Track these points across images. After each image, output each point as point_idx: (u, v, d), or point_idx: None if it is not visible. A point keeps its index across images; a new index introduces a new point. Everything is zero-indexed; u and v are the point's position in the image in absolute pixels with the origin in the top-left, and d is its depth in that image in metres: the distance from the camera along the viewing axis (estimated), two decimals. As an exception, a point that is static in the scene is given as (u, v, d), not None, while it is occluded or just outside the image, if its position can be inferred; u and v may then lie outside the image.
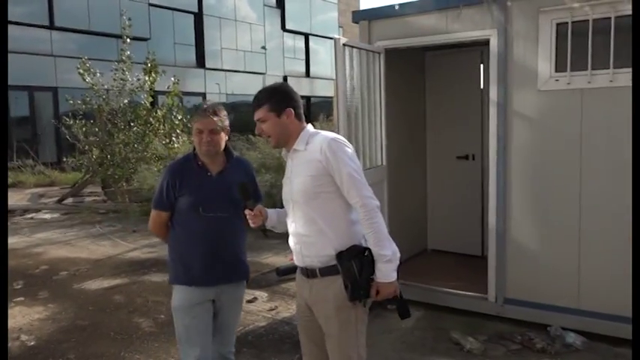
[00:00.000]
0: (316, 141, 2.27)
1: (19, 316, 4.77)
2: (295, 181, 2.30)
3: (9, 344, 4.16)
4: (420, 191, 5.80)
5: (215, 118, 2.58)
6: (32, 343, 4.18)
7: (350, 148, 2.28)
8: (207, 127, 2.57)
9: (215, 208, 2.60)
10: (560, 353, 3.69)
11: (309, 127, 2.38)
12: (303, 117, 2.40)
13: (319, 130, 2.38)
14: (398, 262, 2.25)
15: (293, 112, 2.32)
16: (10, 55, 16.83)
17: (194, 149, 2.68)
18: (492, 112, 4.11)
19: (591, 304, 3.84)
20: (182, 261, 2.66)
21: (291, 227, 2.37)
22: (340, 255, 2.24)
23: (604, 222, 3.74)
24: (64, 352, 4.01)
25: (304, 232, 2.30)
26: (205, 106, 2.63)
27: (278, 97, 2.32)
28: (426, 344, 3.92)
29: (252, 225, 2.44)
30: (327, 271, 2.28)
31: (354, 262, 2.21)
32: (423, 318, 4.32)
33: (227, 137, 2.68)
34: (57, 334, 4.34)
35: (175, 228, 2.68)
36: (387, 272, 2.22)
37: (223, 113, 2.65)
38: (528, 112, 3.99)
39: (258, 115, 2.32)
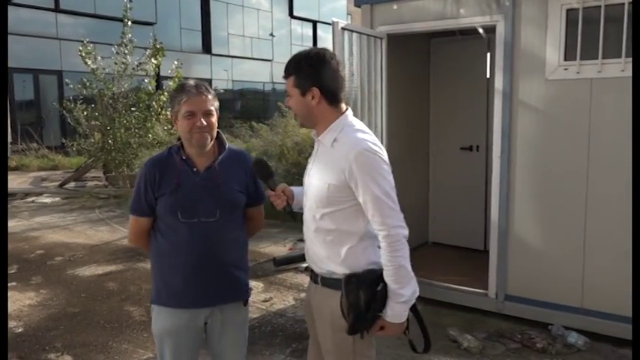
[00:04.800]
0: (346, 143, 1.87)
1: (10, 301, 4.68)
2: (312, 180, 1.97)
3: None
4: (421, 182, 5.65)
5: (209, 96, 2.09)
6: (20, 330, 4.10)
7: (385, 162, 1.88)
8: (200, 109, 2.05)
9: (198, 212, 2.09)
10: (561, 353, 3.56)
11: (346, 116, 1.94)
12: (340, 99, 1.95)
13: (356, 127, 1.93)
14: (413, 302, 1.91)
15: (319, 92, 1.89)
16: (15, 38, 16.71)
17: (179, 140, 2.18)
18: (497, 101, 3.95)
19: (595, 304, 3.70)
20: (162, 277, 2.16)
21: (304, 220, 2.04)
22: (349, 279, 1.87)
23: (611, 219, 3.58)
24: (51, 339, 3.92)
25: (311, 238, 1.99)
26: (193, 82, 2.10)
27: (306, 70, 1.89)
28: (422, 341, 3.79)
29: (277, 207, 2.03)
30: (327, 283, 1.96)
31: (363, 293, 1.85)
32: (420, 313, 4.19)
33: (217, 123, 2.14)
34: (46, 321, 4.26)
35: (157, 237, 2.17)
36: (399, 313, 1.88)
37: (213, 91, 2.16)
38: (535, 103, 3.82)
39: (286, 85, 1.95)
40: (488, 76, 5.31)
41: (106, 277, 5.33)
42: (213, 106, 2.11)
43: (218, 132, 2.18)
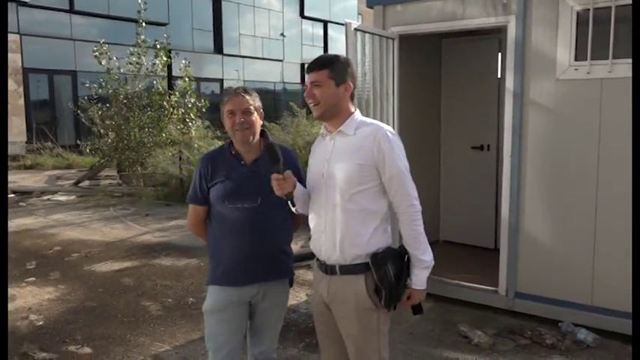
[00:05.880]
0: (369, 129, 2.13)
1: (30, 295, 4.81)
2: (337, 166, 2.12)
3: (17, 323, 4.20)
4: (433, 181, 5.70)
5: (248, 97, 2.35)
6: (40, 323, 4.21)
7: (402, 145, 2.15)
8: (239, 108, 2.33)
9: (242, 199, 2.35)
10: (570, 350, 3.60)
11: (358, 113, 2.22)
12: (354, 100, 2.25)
13: (370, 119, 2.26)
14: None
15: (352, 88, 2.17)
16: (30, 39, 16.94)
17: (230, 139, 2.46)
18: (508, 101, 4.00)
19: (605, 301, 3.74)
20: (215, 258, 2.46)
21: (318, 214, 2.19)
22: (376, 258, 2.07)
23: (621, 217, 3.61)
24: (71, 332, 4.03)
25: (333, 223, 2.12)
26: (235, 87, 2.44)
27: (343, 67, 2.15)
28: (433, 336, 3.86)
29: (277, 192, 2.15)
30: (348, 270, 2.12)
31: (390, 266, 2.06)
32: (431, 310, 4.26)
33: (261, 121, 2.43)
34: (65, 315, 4.37)
35: (211, 223, 2.46)
36: (423, 279, 2.12)
37: (255, 94, 2.43)
38: (545, 102, 3.87)
39: (315, 76, 2.12)
40: (499, 76, 5.35)
41: (122, 273, 5.45)
42: (253, 105, 2.36)
43: (263, 130, 2.47)
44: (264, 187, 2.28)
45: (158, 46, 10.87)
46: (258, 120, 2.40)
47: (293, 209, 2.19)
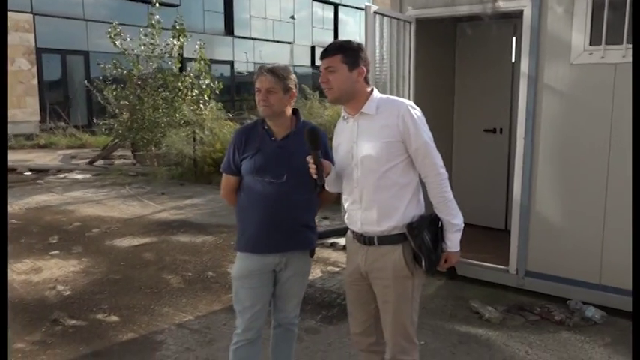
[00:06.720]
0: (390, 106, 2.23)
1: (55, 267, 5.00)
2: (365, 146, 2.23)
3: (46, 293, 4.39)
4: (445, 163, 5.73)
5: (271, 77, 2.44)
6: (68, 293, 4.40)
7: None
8: (262, 86, 2.45)
9: (269, 173, 2.47)
10: (578, 326, 3.74)
11: (376, 92, 2.30)
12: (370, 82, 2.33)
13: (388, 96, 2.35)
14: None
15: (365, 72, 2.25)
16: (43, 18, 16.99)
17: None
18: (522, 85, 4.08)
19: (613, 280, 3.86)
20: (242, 227, 2.60)
21: (352, 194, 2.31)
22: (411, 226, 2.21)
23: (631, 199, 3.72)
24: (97, 302, 4.22)
25: (368, 201, 2.25)
26: (266, 66, 2.51)
27: (356, 52, 2.23)
28: (446, 311, 4.01)
29: (313, 175, 2.24)
30: (385, 240, 2.26)
31: (427, 234, 2.20)
32: (444, 287, 4.41)
33: (292, 100, 2.53)
34: (91, 286, 4.56)
35: (240, 194, 2.61)
36: (456, 241, 2.27)
37: (284, 74, 2.47)
38: (559, 86, 3.95)
39: (329, 62, 2.21)
40: (513, 60, 5.42)
41: (141, 248, 5.63)
42: (278, 85, 2.45)
43: (296, 109, 2.60)
44: (292, 163, 2.43)
45: (177, 27, 10.95)
46: (282, 99, 2.48)
47: (316, 191, 2.31)
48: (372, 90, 2.29)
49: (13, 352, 3.40)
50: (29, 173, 10.38)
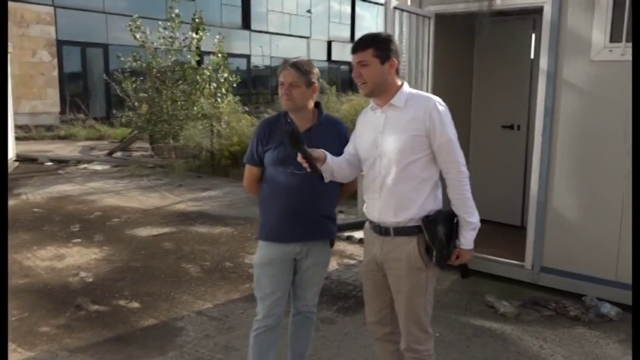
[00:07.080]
0: (419, 101, 2.27)
1: (78, 255, 5.13)
2: (390, 138, 2.27)
3: (69, 279, 4.51)
4: (462, 159, 5.80)
5: (294, 71, 2.50)
6: (90, 280, 4.52)
7: None
8: (286, 80, 2.51)
9: (292, 164, 2.46)
10: (593, 322, 3.75)
11: (406, 85, 2.34)
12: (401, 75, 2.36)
13: (418, 91, 2.39)
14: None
15: (396, 64, 2.28)
16: (64, 11, 17.17)
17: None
18: (541, 81, 4.09)
19: (629, 277, 3.84)
20: (264, 216, 2.67)
21: (373, 183, 2.34)
22: (427, 219, 2.24)
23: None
24: (119, 289, 4.33)
25: (388, 191, 2.29)
26: (291, 60, 2.56)
27: (386, 45, 2.26)
28: (460, 305, 4.04)
29: (307, 169, 2.23)
30: (401, 232, 2.29)
31: (441, 228, 2.23)
32: (458, 281, 4.43)
33: (314, 94, 2.58)
34: (112, 274, 4.67)
35: (263, 184, 2.67)
36: (471, 240, 2.30)
37: (308, 69, 2.53)
38: (578, 83, 3.95)
39: (360, 57, 2.24)
40: (532, 56, 5.41)
41: (161, 238, 5.73)
42: (300, 79, 2.51)
43: (318, 102, 2.64)
44: None
45: (197, 20, 11.06)
46: (305, 93, 2.53)
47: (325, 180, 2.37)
48: (403, 83, 2.33)
49: (39, 335, 3.51)
50: (50, 163, 10.58)
